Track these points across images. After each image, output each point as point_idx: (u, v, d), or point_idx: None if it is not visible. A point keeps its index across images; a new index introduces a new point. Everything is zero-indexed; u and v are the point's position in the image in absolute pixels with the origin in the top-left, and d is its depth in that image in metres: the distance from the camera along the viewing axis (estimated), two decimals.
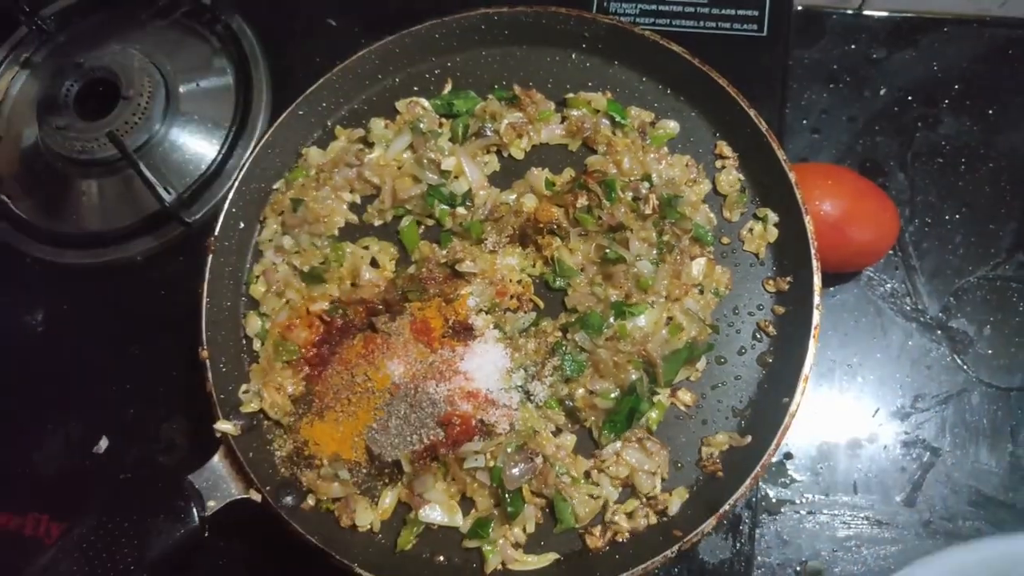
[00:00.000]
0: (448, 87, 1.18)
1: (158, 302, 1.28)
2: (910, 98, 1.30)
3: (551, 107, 1.15)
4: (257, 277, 1.12)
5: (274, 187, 1.15)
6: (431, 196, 1.11)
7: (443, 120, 1.17)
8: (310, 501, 1.03)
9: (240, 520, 1.00)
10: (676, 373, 1.01)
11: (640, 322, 1.01)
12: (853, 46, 1.34)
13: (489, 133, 1.13)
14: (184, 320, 1.09)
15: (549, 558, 0.98)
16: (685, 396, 1.02)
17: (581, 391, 1.01)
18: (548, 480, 0.98)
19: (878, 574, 1.10)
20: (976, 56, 1.31)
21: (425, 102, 1.17)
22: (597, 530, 0.98)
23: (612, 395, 1.00)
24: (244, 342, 1.10)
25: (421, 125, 1.14)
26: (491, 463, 0.98)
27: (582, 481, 0.99)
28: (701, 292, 1.05)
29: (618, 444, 1.00)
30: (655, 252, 1.03)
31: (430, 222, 1.13)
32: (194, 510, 0.96)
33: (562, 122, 1.14)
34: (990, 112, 1.28)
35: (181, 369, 1.22)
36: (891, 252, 1.21)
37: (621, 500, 1.00)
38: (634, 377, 0.99)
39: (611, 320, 1.01)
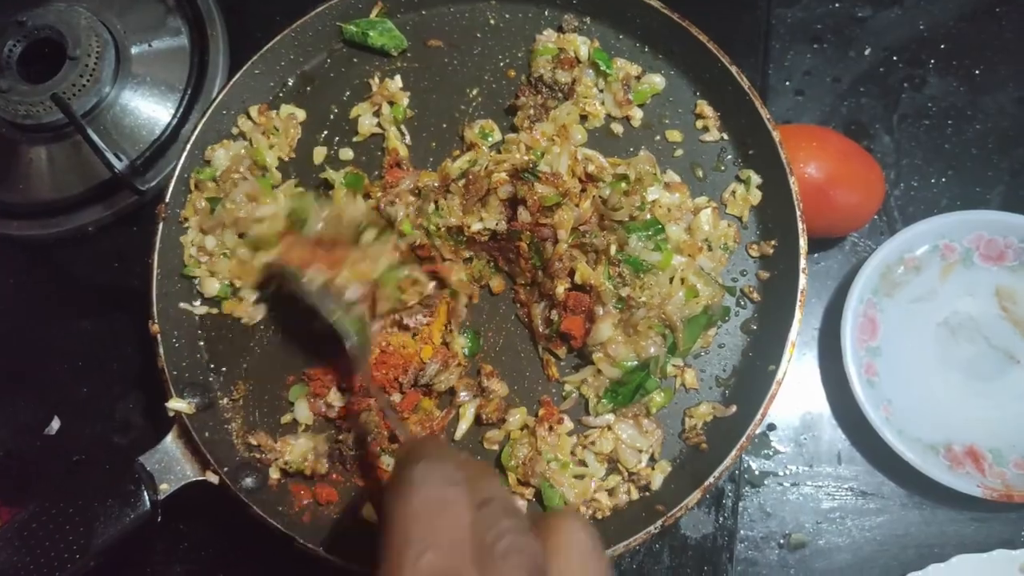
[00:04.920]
0: (376, 12, 1.11)
1: (111, 274, 1.21)
2: (895, 58, 1.26)
3: None
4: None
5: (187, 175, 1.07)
6: None
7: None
8: (274, 475, 0.98)
9: (200, 503, 0.95)
10: (695, 340, 0.97)
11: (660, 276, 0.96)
12: (837, 4, 1.29)
13: None
14: (138, 292, 1.02)
15: None
16: (690, 377, 0.98)
17: (600, 354, 0.96)
18: (536, 469, 0.93)
19: (863, 545, 1.08)
20: (963, 14, 1.27)
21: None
22: (580, 509, 0.94)
23: (629, 363, 0.95)
24: (197, 317, 1.04)
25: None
26: None
27: (570, 464, 0.95)
28: (710, 248, 1.00)
29: (610, 417, 0.96)
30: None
31: None
32: (145, 494, 0.90)
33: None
34: (977, 72, 1.25)
35: (136, 344, 1.16)
36: (876, 217, 1.18)
37: (603, 477, 0.96)
38: (652, 352, 0.94)
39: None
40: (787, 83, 1.26)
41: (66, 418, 1.16)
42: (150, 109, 1.25)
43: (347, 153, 1.08)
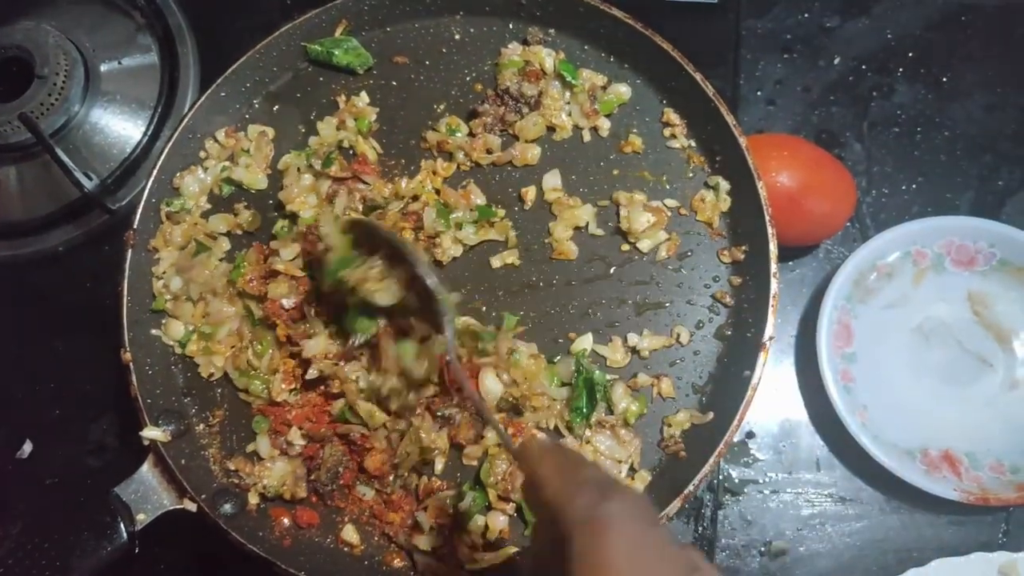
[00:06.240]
0: (340, 30, 1.10)
1: (82, 294, 1.19)
2: (864, 67, 1.27)
3: None
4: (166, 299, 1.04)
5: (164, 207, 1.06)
6: None
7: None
8: (253, 500, 0.96)
9: (178, 531, 0.93)
10: None
11: None
12: (806, 15, 1.30)
13: None
14: (110, 313, 1.01)
15: (507, 552, 0.93)
16: (666, 386, 0.98)
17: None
18: (516, 484, 0.93)
19: (843, 551, 1.08)
20: (929, 23, 1.29)
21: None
22: None
23: (557, 385, 0.96)
24: (171, 341, 1.03)
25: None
26: None
27: None
28: None
29: (587, 432, 0.96)
30: None
31: None
32: (122, 525, 0.88)
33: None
34: (944, 80, 1.26)
35: (109, 365, 1.13)
36: (849, 224, 1.19)
37: None
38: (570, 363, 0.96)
39: None
40: (758, 93, 1.27)
41: (39, 441, 1.14)
42: (120, 127, 1.24)
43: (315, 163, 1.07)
